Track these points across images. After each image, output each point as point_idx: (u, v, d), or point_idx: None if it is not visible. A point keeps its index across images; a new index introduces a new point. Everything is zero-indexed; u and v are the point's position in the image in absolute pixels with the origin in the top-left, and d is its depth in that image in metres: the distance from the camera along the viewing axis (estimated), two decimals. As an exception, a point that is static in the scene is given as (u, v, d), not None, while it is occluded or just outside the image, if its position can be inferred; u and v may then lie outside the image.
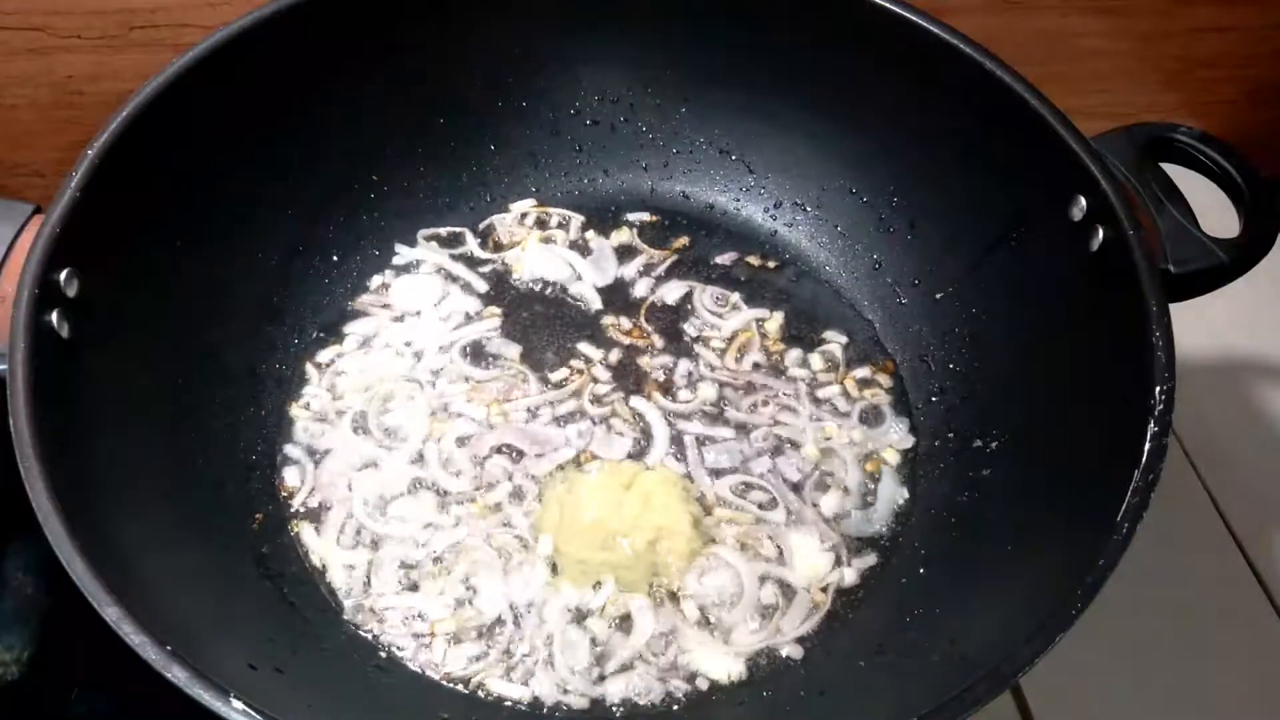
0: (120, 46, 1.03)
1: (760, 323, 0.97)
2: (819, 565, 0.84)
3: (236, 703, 0.56)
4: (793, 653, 0.79)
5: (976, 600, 0.74)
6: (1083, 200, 0.78)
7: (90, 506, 0.63)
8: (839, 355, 0.96)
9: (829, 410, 0.92)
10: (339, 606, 0.80)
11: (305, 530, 0.83)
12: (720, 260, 1.01)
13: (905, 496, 0.88)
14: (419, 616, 0.79)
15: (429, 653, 0.78)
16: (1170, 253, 0.74)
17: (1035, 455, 0.81)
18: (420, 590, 0.81)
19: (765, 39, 0.93)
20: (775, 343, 0.96)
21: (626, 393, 0.92)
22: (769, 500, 0.86)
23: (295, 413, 0.89)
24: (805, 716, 0.76)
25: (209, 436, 0.83)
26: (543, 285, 0.99)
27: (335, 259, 0.96)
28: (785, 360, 0.95)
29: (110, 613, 0.58)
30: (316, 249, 0.95)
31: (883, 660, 0.76)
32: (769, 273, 1.01)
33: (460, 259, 1.00)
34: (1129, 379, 0.70)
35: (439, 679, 0.77)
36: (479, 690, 0.77)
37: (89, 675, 0.85)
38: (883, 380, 0.94)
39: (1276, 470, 1.03)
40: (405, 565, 0.82)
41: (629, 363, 0.94)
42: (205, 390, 0.83)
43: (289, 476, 0.86)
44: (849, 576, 0.84)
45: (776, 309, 0.98)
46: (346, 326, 0.94)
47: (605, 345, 0.95)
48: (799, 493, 0.87)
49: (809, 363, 0.95)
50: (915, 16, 0.84)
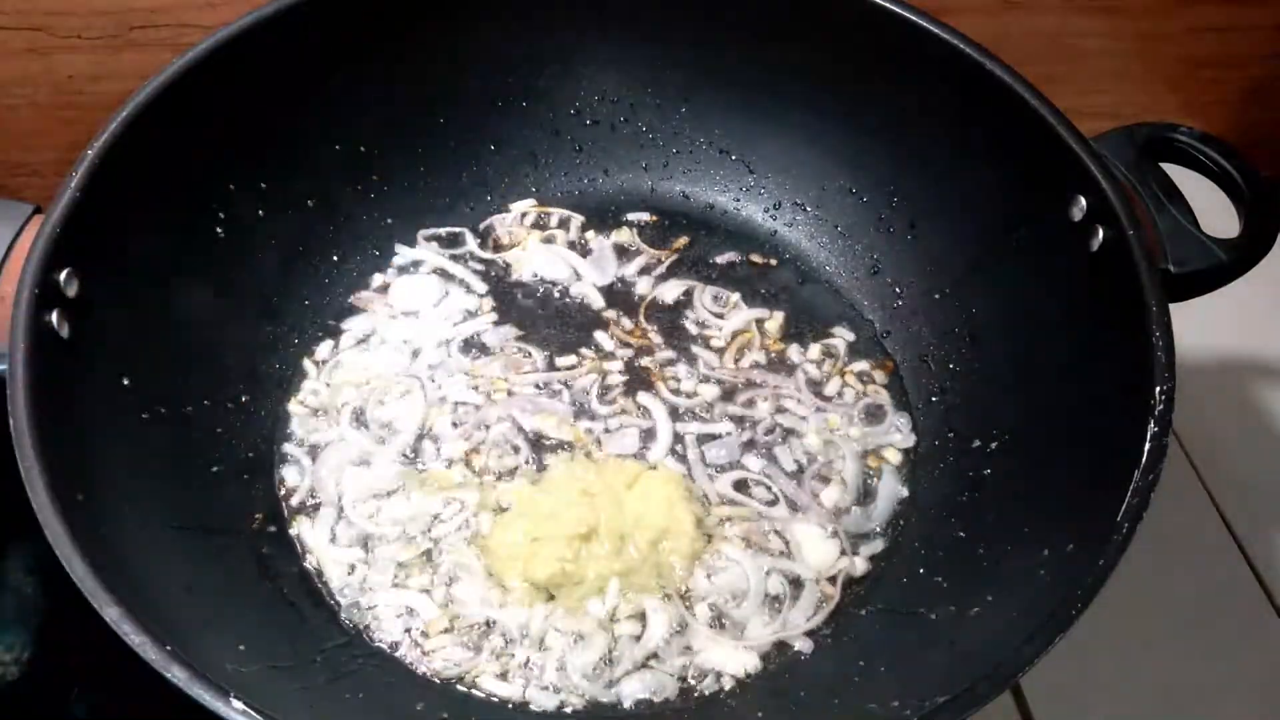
0: (120, 46, 1.03)
1: (760, 322, 0.97)
2: (826, 554, 0.84)
3: (236, 703, 0.56)
4: (803, 647, 0.79)
5: (976, 600, 0.74)
6: (1083, 200, 0.78)
7: (90, 506, 0.63)
8: (840, 354, 0.95)
9: (831, 404, 0.92)
10: (336, 605, 0.80)
11: (304, 529, 0.83)
12: (720, 260, 1.01)
13: (905, 495, 0.88)
14: (413, 614, 0.79)
15: (427, 651, 0.78)
16: (1170, 253, 0.74)
17: (1035, 455, 0.81)
18: (414, 588, 0.80)
19: (765, 39, 0.93)
20: (775, 342, 0.96)
21: (628, 391, 0.92)
22: (769, 499, 0.86)
23: (294, 410, 0.89)
24: (806, 715, 0.76)
25: (209, 436, 0.82)
26: (543, 285, 0.99)
27: (335, 259, 0.96)
28: (786, 357, 0.95)
29: (110, 613, 0.58)
30: (316, 249, 0.95)
31: (883, 660, 0.76)
32: (769, 272, 1.01)
33: (460, 259, 1.00)
34: (1129, 379, 0.70)
35: (438, 678, 0.77)
36: (474, 689, 0.76)
37: (89, 675, 0.85)
38: (880, 378, 0.94)
39: (1276, 470, 1.03)
40: (401, 565, 0.81)
41: (630, 362, 0.94)
42: (205, 390, 0.83)
43: (288, 475, 0.86)
44: (859, 565, 0.84)
45: (777, 309, 0.98)
46: (345, 324, 0.94)
47: (606, 345, 0.95)
48: (800, 484, 0.87)
49: (809, 360, 0.95)
50: (915, 16, 0.84)
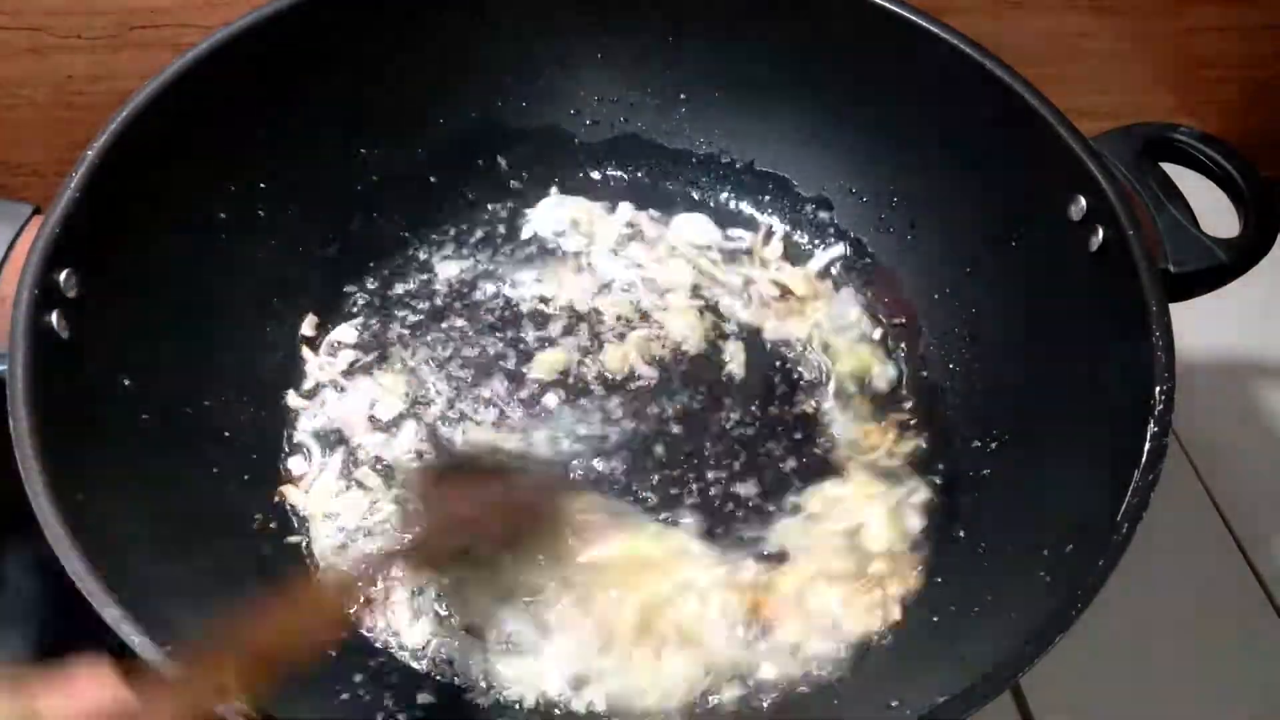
0: (120, 46, 1.03)
1: (760, 322, 0.97)
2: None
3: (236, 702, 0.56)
4: None
5: (976, 600, 0.74)
6: (1082, 200, 0.78)
7: (90, 506, 0.63)
8: (840, 354, 0.96)
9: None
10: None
11: (304, 529, 0.83)
12: (720, 260, 1.01)
13: (905, 496, 0.88)
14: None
15: (431, 650, 0.78)
16: (1170, 253, 0.74)
17: (1035, 455, 0.81)
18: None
19: (765, 39, 0.93)
20: (775, 342, 0.96)
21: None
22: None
23: (296, 404, 0.89)
24: (807, 714, 0.76)
25: (210, 436, 0.82)
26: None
27: (335, 259, 0.96)
28: (785, 359, 0.95)
29: (110, 613, 0.58)
30: (316, 249, 0.94)
31: (883, 659, 0.76)
32: (769, 272, 1.01)
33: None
34: (1129, 379, 0.70)
35: (438, 677, 0.77)
36: (472, 689, 0.77)
37: (88, 675, 0.85)
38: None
39: (1276, 470, 1.03)
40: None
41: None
42: (205, 390, 0.83)
43: (293, 467, 0.86)
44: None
45: (776, 309, 0.98)
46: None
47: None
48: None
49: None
50: (915, 16, 0.84)
